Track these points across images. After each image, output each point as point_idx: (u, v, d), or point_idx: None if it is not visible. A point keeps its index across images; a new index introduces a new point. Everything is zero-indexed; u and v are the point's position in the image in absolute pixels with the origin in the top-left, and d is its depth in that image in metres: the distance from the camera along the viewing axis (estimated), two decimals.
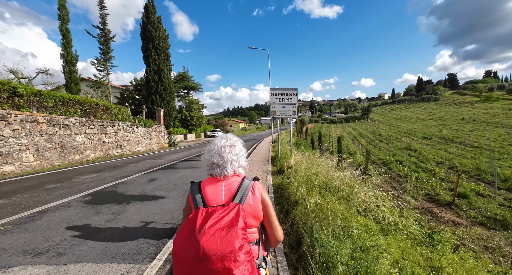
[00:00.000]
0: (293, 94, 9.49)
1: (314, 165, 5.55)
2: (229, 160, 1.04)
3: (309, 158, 7.82)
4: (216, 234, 0.77)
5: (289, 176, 5.08)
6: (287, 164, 6.85)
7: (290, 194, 3.89)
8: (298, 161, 6.48)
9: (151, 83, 20.04)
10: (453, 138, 29.36)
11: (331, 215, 2.50)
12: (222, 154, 1.03)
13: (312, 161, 6.54)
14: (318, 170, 4.90)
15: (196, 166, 8.25)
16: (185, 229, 0.81)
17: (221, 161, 1.03)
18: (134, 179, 5.92)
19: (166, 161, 9.44)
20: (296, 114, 9.58)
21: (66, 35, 12.81)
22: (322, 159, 8.01)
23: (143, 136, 13.09)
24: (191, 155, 11.46)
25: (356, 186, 3.82)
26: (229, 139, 1.10)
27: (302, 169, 5.26)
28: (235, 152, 1.07)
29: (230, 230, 0.79)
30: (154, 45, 20.03)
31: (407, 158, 18.13)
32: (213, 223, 0.80)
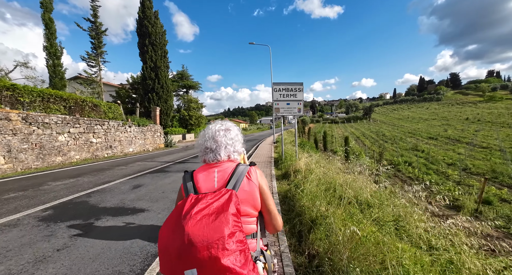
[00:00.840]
0: (298, 90, 8.62)
1: (330, 170, 4.67)
2: (223, 144, 0.96)
3: (318, 160, 6.94)
4: (203, 219, 0.70)
5: (299, 183, 4.22)
6: (294, 167, 5.99)
7: (303, 209, 3.02)
8: (307, 163, 5.60)
9: (148, 81, 19.21)
10: (459, 138, 28.49)
11: (379, 252, 1.62)
12: (216, 138, 0.96)
13: (324, 164, 5.66)
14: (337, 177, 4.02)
15: (191, 168, 7.35)
16: (172, 217, 0.75)
17: (214, 145, 0.95)
18: (116, 186, 5.05)
19: (158, 163, 8.58)
20: (302, 112, 8.71)
21: (49, 25, 11.83)
22: (335, 163, 7.15)
23: (136, 136, 12.23)
24: (187, 156, 10.60)
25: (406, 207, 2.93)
26: (224, 124, 1.04)
27: (315, 175, 4.39)
28: (230, 136, 0.99)
29: (219, 215, 0.71)
30: (151, 41, 19.21)
31: (416, 159, 17.24)
32: (201, 209, 0.73)
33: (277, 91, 8.54)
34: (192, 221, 0.69)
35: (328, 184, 3.77)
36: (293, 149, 10.67)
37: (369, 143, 29.47)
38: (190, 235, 0.67)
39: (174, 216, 0.75)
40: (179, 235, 0.68)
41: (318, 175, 4.35)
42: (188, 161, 9.11)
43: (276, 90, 8.54)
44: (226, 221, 0.70)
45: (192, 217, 0.70)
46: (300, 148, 13.42)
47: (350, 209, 2.64)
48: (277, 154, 11.00)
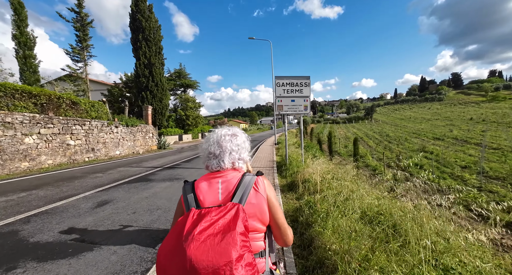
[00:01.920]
0: (304, 85, 7.53)
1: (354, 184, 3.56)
2: (228, 150, 0.88)
3: (330, 167, 5.81)
4: (207, 241, 0.62)
5: (313, 203, 3.11)
6: (302, 176, 4.88)
7: (328, 254, 1.90)
8: (321, 173, 4.47)
9: (141, 78, 18.11)
10: (467, 139, 27.41)
11: None
12: (221, 143, 0.88)
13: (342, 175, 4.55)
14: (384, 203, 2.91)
15: (180, 176, 6.27)
16: (172, 236, 0.66)
17: (218, 150, 0.87)
18: (75, 203, 3.94)
19: (143, 168, 7.47)
20: (309, 110, 7.61)
21: (18, 10, 10.35)
22: (349, 170, 6.03)
23: (124, 138, 11.11)
24: (179, 160, 9.49)
25: None
26: (231, 129, 0.96)
27: (336, 190, 3.27)
28: (236, 141, 0.91)
29: (225, 235, 0.63)
30: (145, 37, 18.12)
31: (427, 162, 16.14)
32: (205, 227, 0.64)
33: (280, 86, 7.45)
34: (195, 242, 0.61)
35: (365, 211, 2.65)
36: (297, 152, 9.56)
37: (373, 143, 28.37)
38: (193, 260, 0.59)
39: (174, 235, 0.65)
40: (180, 259, 0.60)
41: (342, 192, 3.23)
42: (179, 166, 8.00)
43: (279, 85, 7.44)
44: (234, 242, 0.62)
45: (195, 238, 0.62)
46: (304, 150, 12.31)
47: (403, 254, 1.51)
48: (279, 157, 9.87)
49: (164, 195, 4.42)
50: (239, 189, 0.79)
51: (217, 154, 0.87)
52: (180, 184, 5.36)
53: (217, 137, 0.90)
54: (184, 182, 0.88)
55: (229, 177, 0.83)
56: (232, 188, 0.80)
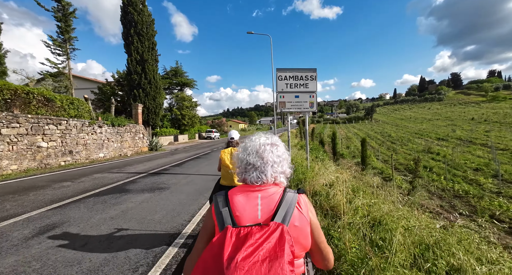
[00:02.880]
0: (310, 78, 6.57)
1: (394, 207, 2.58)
2: (270, 162, 0.78)
3: (343, 176, 4.83)
4: (253, 270, 0.53)
5: (334, 235, 2.14)
6: (311, 187, 3.92)
7: None
8: (345, 190, 3.48)
9: (133, 75, 17.07)
10: (471, 139, 26.62)
11: None
12: (261, 153, 0.79)
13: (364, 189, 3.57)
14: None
15: (164, 185, 5.27)
16: (208, 260, 0.57)
17: (259, 161, 0.78)
18: (7, 229, 2.93)
19: (124, 174, 6.45)
20: (315, 107, 6.65)
21: None
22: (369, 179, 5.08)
23: (110, 139, 10.07)
24: (169, 164, 8.49)
25: None
26: (270, 137, 0.86)
27: (361, 213, 2.29)
28: (278, 153, 0.82)
29: (273, 265, 0.54)
30: (137, 31, 17.09)
31: (436, 164, 15.24)
32: (249, 253, 0.55)
33: (282, 79, 6.48)
34: (239, 272, 0.52)
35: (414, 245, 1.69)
36: (301, 155, 8.58)
37: (375, 144, 27.48)
38: None
39: (210, 259, 0.56)
40: None
41: (373, 216, 2.24)
42: (166, 171, 6.99)
43: (281, 79, 6.47)
44: (284, 273, 0.53)
45: (239, 266, 0.52)
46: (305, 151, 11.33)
47: None
48: None
49: (136, 214, 3.42)
50: (281, 207, 0.70)
51: (257, 165, 0.77)
52: (162, 196, 4.38)
53: (256, 146, 0.81)
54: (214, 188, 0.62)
55: (270, 192, 0.75)
56: (273, 206, 0.71)
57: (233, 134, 2.50)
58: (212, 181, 5.72)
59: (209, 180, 5.83)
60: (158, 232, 2.82)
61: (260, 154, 0.79)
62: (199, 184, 5.40)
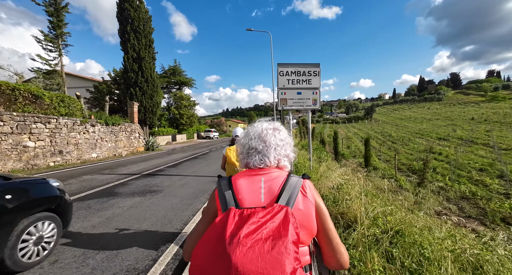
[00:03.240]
0: (313, 74, 6.22)
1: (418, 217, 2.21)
2: (273, 145, 0.78)
3: (352, 178, 4.47)
4: (255, 247, 0.52)
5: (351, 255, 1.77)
6: (319, 192, 3.54)
7: None
8: (343, 187, 3.13)
9: (130, 73, 16.67)
10: (473, 139, 26.37)
11: None
12: (263, 137, 0.79)
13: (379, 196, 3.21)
14: None
15: (157, 187, 4.90)
16: (210, 237, 0.57)
17: (261, 144, 0.78)
18: None
19: (116, 176, 6.07)
20: (319, 105, 6.30)
21: None
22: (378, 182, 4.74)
23: (103, 138, 9.65)
24: (165, 164, 8.11)
25: None
26: (272, 122, 0.87)
27: (379, 223, 1.91)
28: (280, 137, 0.81)
29: (276, 243, 0.53)
30: (133, 28, 16.69)
31: (439, 164, 14.94)
32: (252, 231, 0.55)
33: (284, 75, 6.12)
34: (241, 248, 0.51)
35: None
36: (303, 155, 8.21)
37: (376, 144, 27.19)
38: (239, 268, 0.50)
39: (213, 237, 0.56)
40: (223, 265, 0.51)
41: (394, 228, 1.87)
42: (161, 172, 6.61)
43: (282, 74, 6.12)
44: (287, 252, 0.52)
45: (241, 242, 0.52)
46: (307, 150, 10.98)
47: None
48: None
49: (122, 222, 3.05)
50: (285, 191, 0.69)
51: (260, 149, 0.78)
52: (153, 200, 4.01)
53: (258, 131, 0.81)
54: (219, 176, 0.78)
55: (273, 176, 0.73)
56: (277, 189, 0.70)
57: (238, 132, 2.47)
58: (209, 183, 5.35)
59: (206, 182, 5.46)
60: (144, 245, 2.45)
61: (262, 137, 0.78)
62: (195, 186, 5.03)
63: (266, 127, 0.82)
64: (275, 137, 0.79)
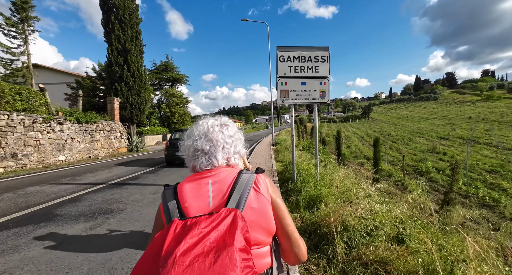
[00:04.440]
0: (321, 59, 5.06)
1: None
2: (221, 143, 0.70)
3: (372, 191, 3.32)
4: (195, 264, 0.46)
5: None
6: (338, 218, 2.41)
7: None
8: (378, 215, 1.95)
9: (114, 67, 15.25)
10: (474, 138, 25.71)
11: None
12: (210, 135, 0.70)
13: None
14: None
15: (120, 204, 3.69)
16: (146, 258, 0.50)
17: (208, 144, 0.69)
18: None
19: (74, 187, 4.82)
20: (327, 98, 5.15)
21: None
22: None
23: (74, 138, 8.32)
24: (143, 170, 6.86)
25: None
26: (219, 118, 0.78)
27: None
28: (229, 133, 0.73)
29: (220, 254, 0.47)
30: (118, 18, 15.27)
31: (447, 165, 14.01)
32: (191, 245, 0.48)
33: (285, 61, 4.94)
34: (177, 269, 0.44)
35: None
36: (305, 157, 7.05)
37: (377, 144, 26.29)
38: None
39: (149, 258, 0.50)
40: None
41: None
42: (133, 181, 5.38)
43: (282, 60, 4.94)
44: (233, 263, 0.46)
45: (177, 261, 0.45)
46: (309, 152, 9.87)
47: None
48: (280, 164, 7.34)
49: None
50: (235, 190, 0.63)
51: (206, 150, 0.69)
52: (103, 228, 2.82)
53: (204, 129, 0.72)
54: (164, 186, 0.70)
55: (221, 176, 0.67)
56: (226, 189, 0.64)
57: None
58: None
59: None
60: None
61: (209, 136, 0.70)
62: None
63: (213, 123, 0.73)
64: (223, 134, 0.71)
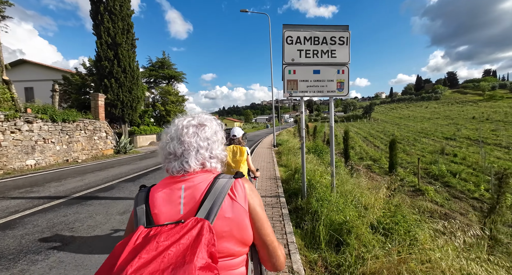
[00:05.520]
0: (340, 41, 3.96)
1: None
2: (194, 146, 0.64)
3: None
4: None
5: None
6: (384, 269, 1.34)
7: None
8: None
9: (104, 62, 14.17)
10: (482, 139, 24.70)
11: None
12: (182, 138, 0.64)
13: None
14: None
15: (70, 231, 2.66)
16: (103, 271, 0.45)
17: (180, 148, 0.63)
18: None
19: (23, 202, 3.79)
20: (347, 90, 4.06)
21: None
22: None
23: (48, 139, 7.25)
24: (122, 177, 5.80)
25: None
26: (197, 117, 0.69)
27: None
28: (205, 134, 0.66)
29: (177, 273, 0.42)
30: (108, 9, 14.18)
31: (462, 168, 12.98)
32: (146, 261, 0.43)
33: (293, 43, 3.86)
34: None
35: None
36: (315, 162, 5.98)
37: (381, 144, 25.29)
38: None
39: (104, 271, 0.45)
40: None
41: None
42: (104, 193, 4.32)
43: (290, 42, 3.86)
44: None
45: None
46: (315, 155, 8.82)
47: None
48: (284, 170, 6.25)
49: None
50: (207, 198, 0.57)
51: (178, 153, 0.63)
52: None
53: (177, 131, 0.65)
54: (140, 187, 0.65)
55: (196, 181, 0.61)
56: (199, 196, 0.59)
57: (235, 131, 2.39)
58: None
59: None
60: None
61: (181, 139, 0.64)
62: None
63: (188, 123, 0.66)
64: (198, 136, 0.65)
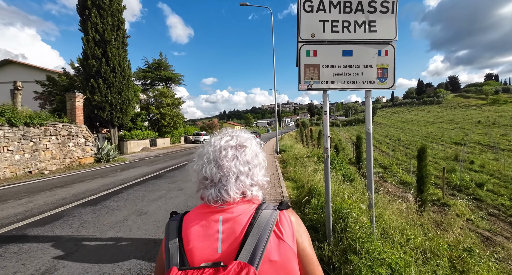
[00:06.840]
0: (382, 7, 2.52)
1: None
2: (233, 172, 0.56)
3: None
4: None
5: None
6: None
7: None
8: None
9: (91, 60, 13.02)
10: (494, 144, 23.35)
11: None
12: (220, 161, 0.56)
13: None
14: None
15: None
16: None
17: (218, 173, 0.56)
18: None
19: None
20: (392, 80, 2.61)
21: None
22: None
23: (5, 147, 5.91)
24: (89, 196, 4.50)
25: None
26: (236, 136, 0.61)
27: None
28: (245, 158, 0.58)
29: None
30: (96, 3, 13.11)
31: (486, 178, 11.61)
32: None
33: (314, 11, 2.40)
34: None
35: None
36: (339, 181, 4.62)
37: (387, 149, 23.92)
38: None
39: None
40: None
41: None
42: (44, 226, 3.02)
43: (309, 9, 2.40)
44: None
45: None
46: (322, 164, 7.52)
47: None
48: (293, 186, 4.90)
49: None
50: (250, 235, 0.50)
51: (215, 179, 0.55)
52: None
53: (214, 152, 0.57)
54: (171, 214, 0.58)
55: (235, 213, 0.54)
56: (240, 232, 0.51)
57: None
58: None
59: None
60: None
61: (219, 162, 0.56)
62: None
63: (226, 145, 0.57)
64: (237, 160, 0.56)
